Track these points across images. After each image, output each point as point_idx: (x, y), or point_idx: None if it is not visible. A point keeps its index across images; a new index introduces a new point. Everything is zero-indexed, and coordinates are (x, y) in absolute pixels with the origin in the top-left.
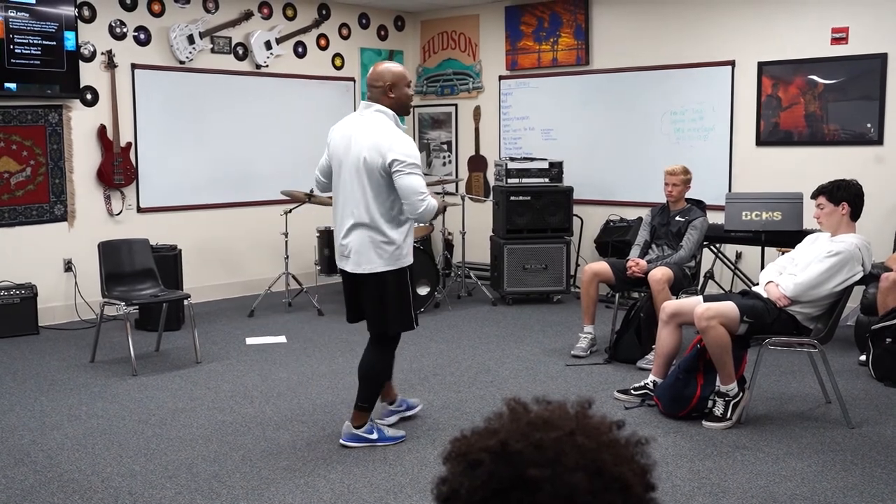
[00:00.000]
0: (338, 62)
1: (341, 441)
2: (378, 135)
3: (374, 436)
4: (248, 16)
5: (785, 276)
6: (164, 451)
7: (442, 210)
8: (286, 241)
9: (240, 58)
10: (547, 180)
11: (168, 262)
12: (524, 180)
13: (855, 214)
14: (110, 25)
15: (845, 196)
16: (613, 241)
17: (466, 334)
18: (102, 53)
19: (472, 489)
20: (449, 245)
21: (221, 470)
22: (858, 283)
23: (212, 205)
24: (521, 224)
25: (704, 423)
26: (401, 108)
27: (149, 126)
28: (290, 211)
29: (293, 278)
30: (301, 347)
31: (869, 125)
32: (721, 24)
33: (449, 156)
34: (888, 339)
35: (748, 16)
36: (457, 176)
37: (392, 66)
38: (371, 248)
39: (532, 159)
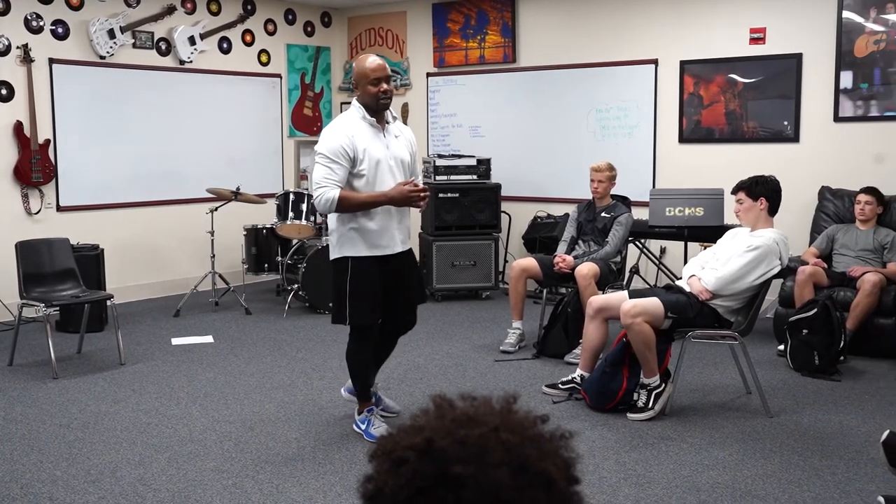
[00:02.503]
0: (264, 58)
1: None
2: None
3: (362, 427)
4: (170, 10)
5: (707, 270)
6: (87, 455)
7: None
8: (212, 240)
9: (163, 53)
10: (475, 177)
11: (90, 262)
12: (452, 177)
13: (773, 209)
14: (26, 19)
15: (763, 192)
16: (541, 237)
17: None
18: (18, 48)
19: (397, 487)
20: None
21: (146, 473)
22: (776, 276)
23: (135, 203)
24: (450, 221)
25: (629, 414)
26: (370, 104)
27: (68, 122)
28: (217, 209)
29: (220, 277)
30: (228, 347)
31: (786, 123)
32: (644, 23)
33: None
34: (805, 331)
35: (671, 15)
36: None
37: (357, 64)
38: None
39: (460, 156)
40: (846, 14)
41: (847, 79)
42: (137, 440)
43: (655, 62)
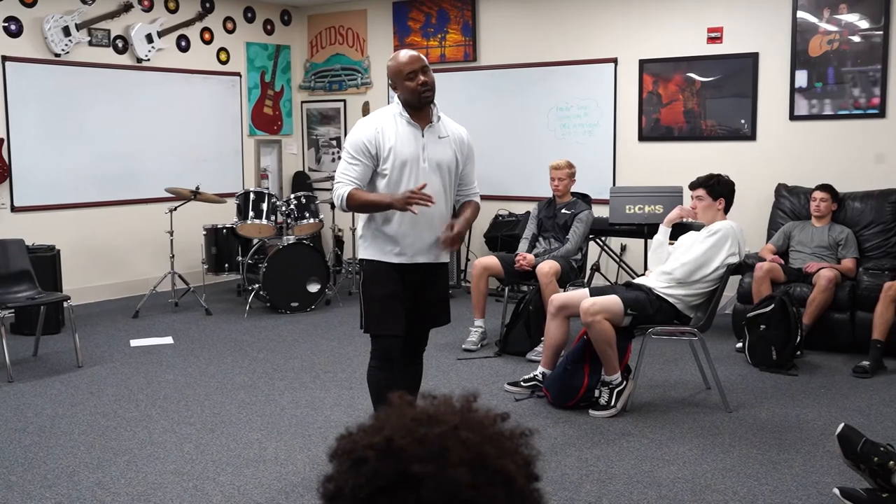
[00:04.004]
0: (223, 56)
1: None
2: None
3: None
4: (127, 8)
5: (671, 260)
6: (44, 459)
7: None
8: (171, 240)
9: (120, 51)
10: None
11: (46, 263)
12: None
13: (727, 209)
14: None
15: (724, 192)
16: (502, 235)
17: (358, 331)
18: None
19: (357, 487)
20: (339, 241)
21: (105, 477)
22: (734, 272)
23: (93, 203)
24: None
25: (591, 412)
26: (411, 101)
27: (23, 121)
28: (176, 209)
29: (179, 278)
30: (188, 348)
31: (743, 121)
32: (604, 22)
33: (338, 152)
34: (762, 327)
35: (629, 15)
36: None
37: (390, 64)
38: None
39: None
40: (800, 14)
41: (802, 78)
42: (95, 443)
43: (615, 61)
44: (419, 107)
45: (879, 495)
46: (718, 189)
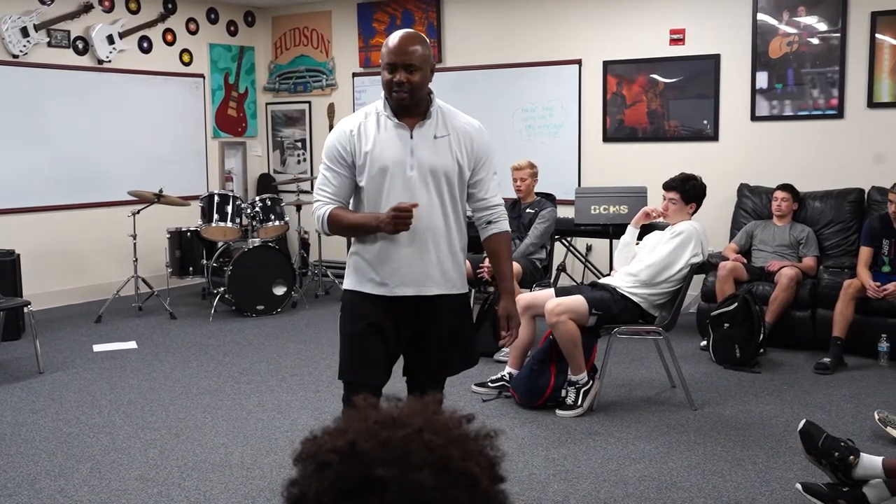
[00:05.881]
0: (186, 58)
1: None
2: None
3: None
4: (87, 8)
5: (635, 262)
6: (3, 468)
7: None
8: (135, 243)
9: (80, 52)
10: None
11: (5, 268)
12: None
13: (696, 211)
14: None
15: (695, 197)
16: (469, 236)
17: (325, 333)
18: None
19: (321, 491)
20: (305, 244)
21: (67, 484)
22: (698, 271)
23: (53, 206)
24: None
25: (558, 412)
26: (385, 94)
27: None
28: (139, 212)
29: (143, 281)
30: (153, 353)
31: (706, 122)
32: (568, 24)
33: (303, 153)
34: (726, 325)
35: (593, 16)
36: (312, 174)
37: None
38: None
39: None
40: (761, 16)
41: (762, 79)
42: (57, 451)
43: (579, 62)
44: (394, 107)
45: (840, 489)
46: (693, 194)
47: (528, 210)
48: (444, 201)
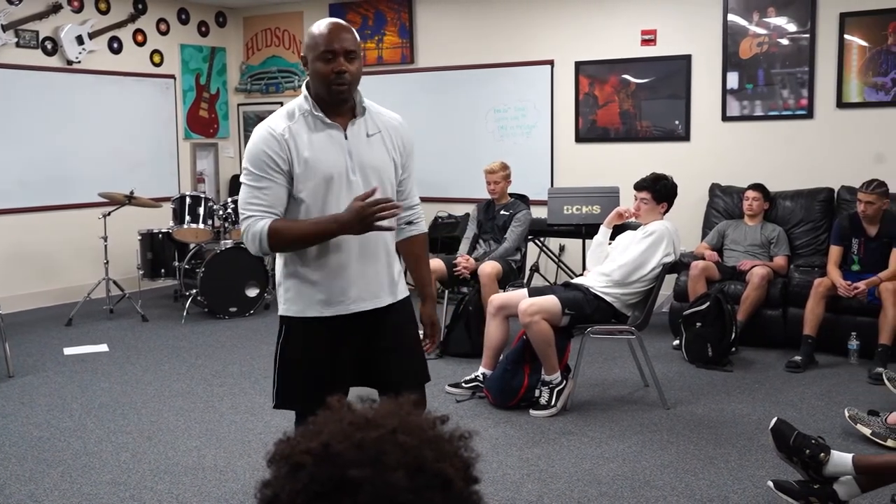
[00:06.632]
0: (156, 59)
1: None
2: None
3: None
4: (56, 8)
5: (608, 262)
6: None
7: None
8: (106, 245)
9: (49, 53)
10: None
11: None
12: None
13: (667, 211)
14: None
15: (667, 197)
16: (442, 237)
17: None
18: None
19: (294, 493)
20: None
21: (38, 489)
22: (670, 271)
23: (23, 209)
24: None
25: (531, 412)
26: (323, 94)
27: None
28: (110, 213)
29: (114, 284)
30: (124, 355)
31: (677, 122)
32: (540, 24)
33: None
34: (698, 324)
35: (565, 17)
36: None
37: (308, 32)
38: None
39: None
40: (731, 17)
41: (733, 79)
42: (28, 455)
43: (551, 63)
44: (331, 102)
45: (811, 486)
46: (664, 193)
47: (502, 212)
48: None
